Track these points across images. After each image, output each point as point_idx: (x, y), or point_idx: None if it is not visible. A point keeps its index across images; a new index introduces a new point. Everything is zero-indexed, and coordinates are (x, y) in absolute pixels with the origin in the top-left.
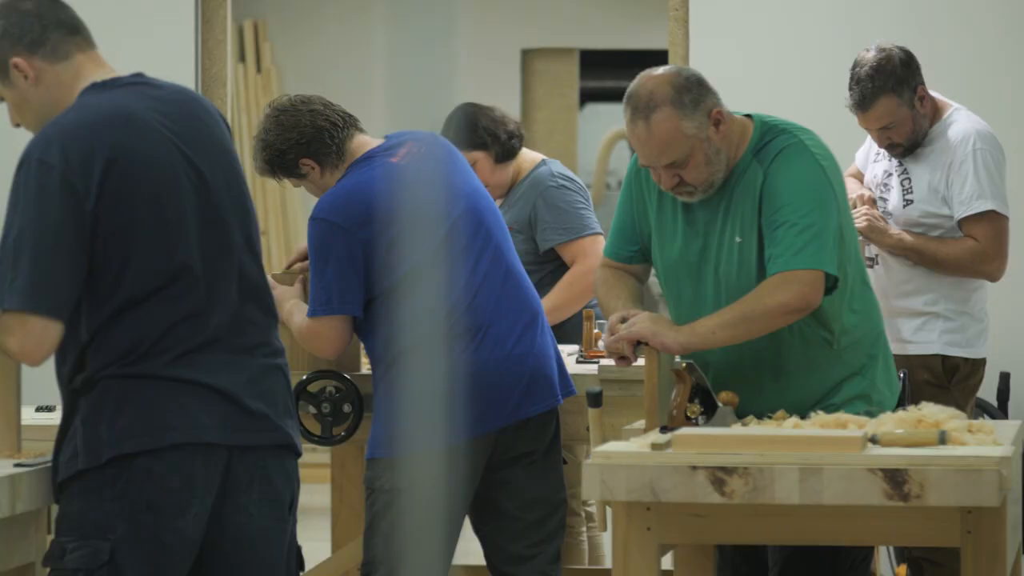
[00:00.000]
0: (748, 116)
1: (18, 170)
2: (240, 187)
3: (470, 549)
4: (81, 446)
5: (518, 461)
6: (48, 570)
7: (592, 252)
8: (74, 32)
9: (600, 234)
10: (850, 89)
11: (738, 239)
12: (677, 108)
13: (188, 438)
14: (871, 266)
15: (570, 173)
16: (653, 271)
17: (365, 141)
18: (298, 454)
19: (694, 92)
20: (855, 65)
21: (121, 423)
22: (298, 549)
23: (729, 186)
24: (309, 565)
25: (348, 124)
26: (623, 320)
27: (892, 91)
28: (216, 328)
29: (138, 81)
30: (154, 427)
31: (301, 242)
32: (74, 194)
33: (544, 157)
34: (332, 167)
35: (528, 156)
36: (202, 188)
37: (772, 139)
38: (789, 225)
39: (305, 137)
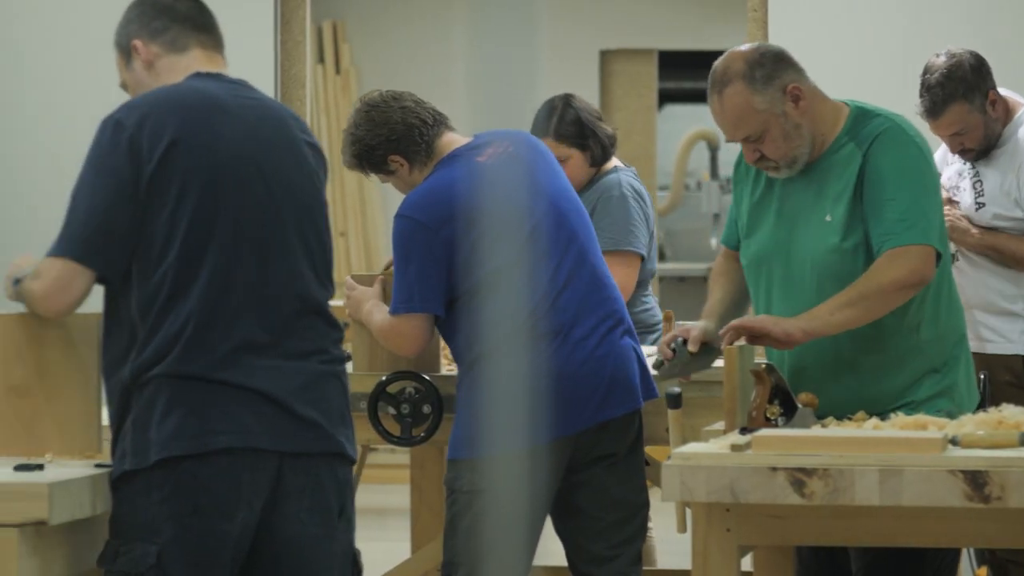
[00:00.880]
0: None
1: (98, 127)
2: (310, 197)
3: (551, 549)
4: (129, 447)
5: (599, 462)
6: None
7: (620, 272)
8: (199, 30)
9: (641, 256)
10: (920, 96)
11: (828, 218)
12: (748, 83)
13: (235, 442)
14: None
15: (641, 187)
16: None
17: (453, 139)
18: (352, 462)
19: (768, 68)
20: (925, 71)
21: (169, 425)
22: (355, 554)
23: (821, 167)
24: (389, 565)
25: (438, 122)
26: (673, 338)
27: (963, 98)
28: (268, 331)
29: (238, 82)
30: (202, 431)
31: (379, 243)
32: (137, 158)
33: (618, 164)
34: (421, 164)
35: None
36: (267, 190)
37: (868, 122)
38: (895, 203)
39: (395, 134)
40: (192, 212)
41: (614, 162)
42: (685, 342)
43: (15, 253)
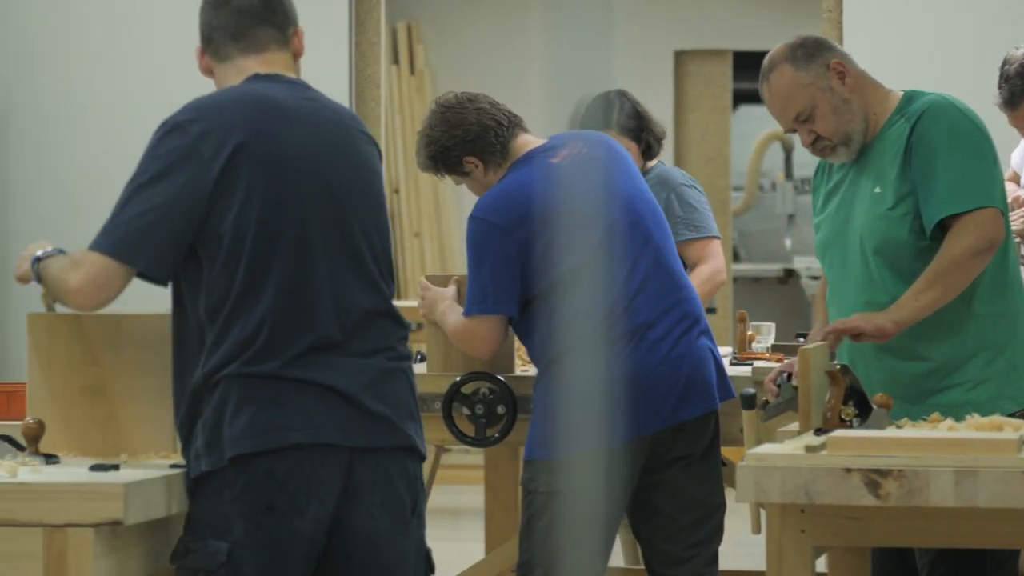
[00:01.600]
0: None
1: (156, 130)
2: (371, 197)
3: (615, 550)
4: (203, 449)
5: (675, 463)
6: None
7: (717, 255)
8: (236, 38)
9: (720, 239)
10: (999, 87)
11: (877, 190)
12: (791, 62)
13: (307, 438)
14: None
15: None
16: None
17: (528, 141)
18: (422, 458)
19: (809, 47)
20: (1004, 63)
21: (240, 423)
22: (427, 552)
23: (874, 148)
24: (463, 566)
25: (513, 123)
26: (779, 374)
27: None
28: (337, 330)
29: (297, 82)
30: (273, 427)
31: (453, 244)
32: (200, 162)
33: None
34: (496, 166)
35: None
36: (329, 192)
37: (917, 100)
38: (948, 172)
39: (470, 135)
40: (258, 215)
41: (655, 161)
42: (790, 377)
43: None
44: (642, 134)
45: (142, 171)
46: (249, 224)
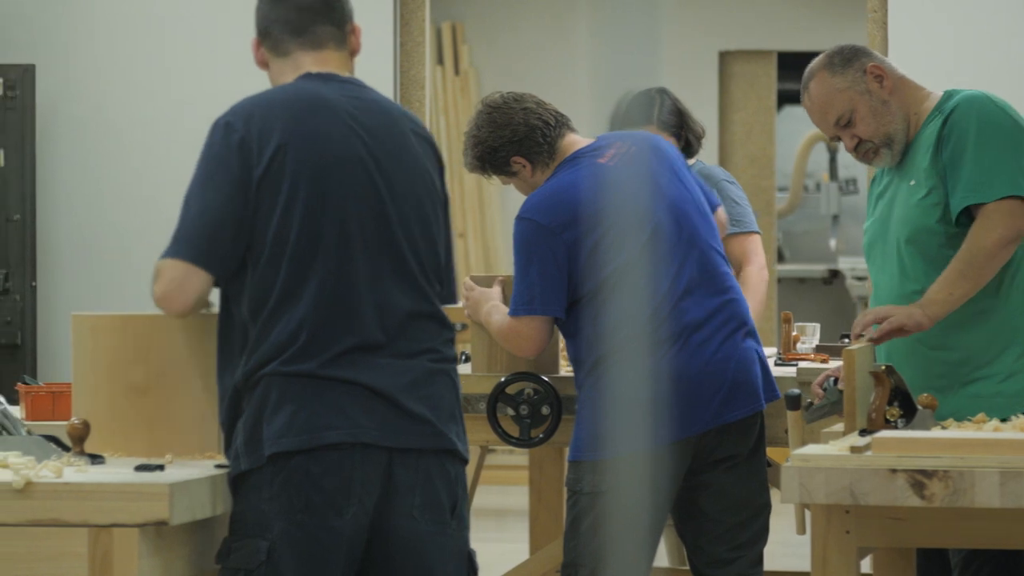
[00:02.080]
0: None
1: (209, 129)
2: (421, 195)
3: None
4: (242, 448)
5: (720, 464)
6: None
7: (759, 251)
8: (297, 33)
9: (760, 235)
10: None
11: (912, 182)
12: (827, 69)
13: (345, 438)
14: None
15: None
16: None
17: (575, 141)
18: (464, 460)
19: (845, 54)
20: None
21: (279, 422)
22: (470, 554)
23: (913, 146)
24: (507, 566)
25: (560, 123)
26: (827, 378)
27: None
28: (380, 331)
29: (350, 81)
30: (312, 426)
31: (498, 244)
32: (248, 159)
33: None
34: (543, 166)
35: None
36: (375, 190)
37: (955, 95)
38: (977, 160)
39: (517, 135)
40: (301, 213)
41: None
42: (836, 381)
43: (149, 254)
44: (682, 131)
45: (197, 173)
46: (291, 224)
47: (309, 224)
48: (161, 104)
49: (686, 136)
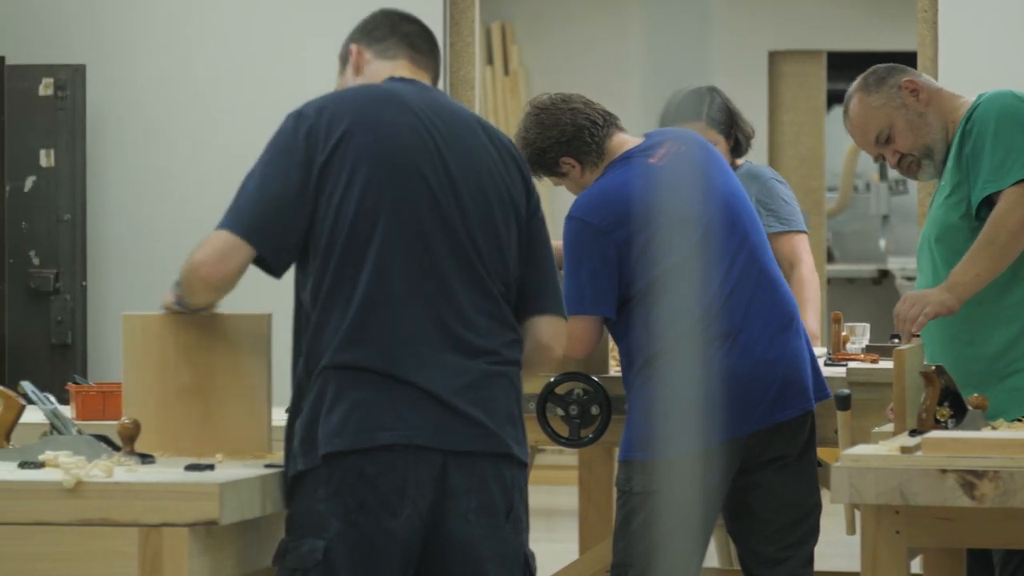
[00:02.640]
0: None
1: (282, 121)
2: (489, 195)
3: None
4: (299, 446)
5: (770, 464)
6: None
7: (807, 251)
8: (414, 48)
9: (807, 234)
10: None
11: (942, 183)
12: (863, 91)
13: (399, 439)
14: None
15: None
16: None
17: (624, 140)
18: (522, 463)
19: (879, 73)
20: None
21: (334, 421)
22: (526, 557)
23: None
24: (557, 566)
25: (608, 123)
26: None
27: None
28: (434, 327)
29: (432, 88)
30: (365, 426)
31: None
32: (313, 146)
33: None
34: (592, 165)
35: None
36: (438, 183)
37: (982, 96)
38: (996, 149)
39: (565, 135)
40: (358, 199)
41: (743, 159)
42: None
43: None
44: (732, 130)
45: (261, 157)
46: (348, 210)
47: (365, 210)
48: (210, 104)
49: (736, 135)
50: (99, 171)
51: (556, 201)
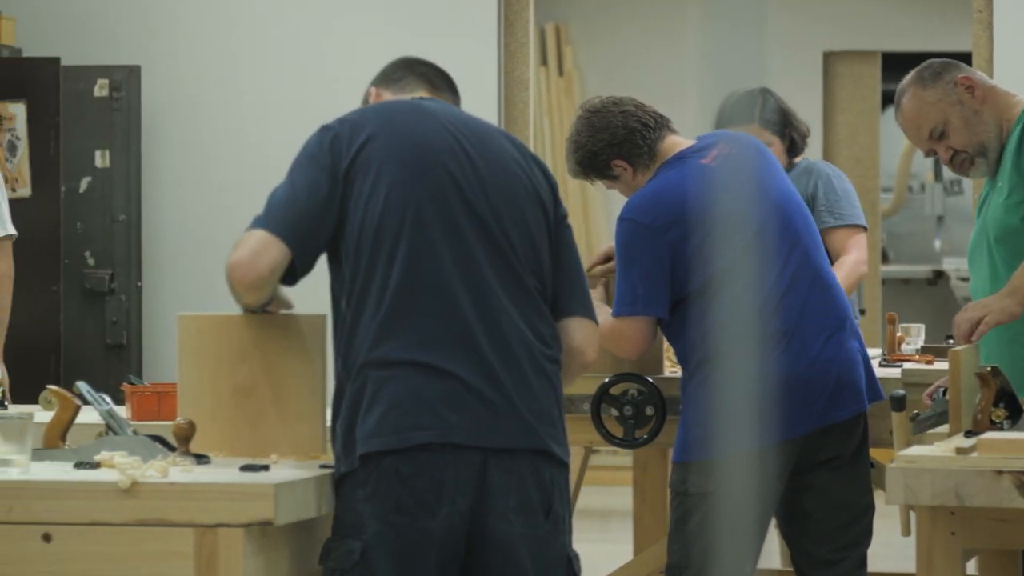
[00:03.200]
0: None
1: (313, 133)
2: (523, 200)
3: (771, 550)
4: (341, 449)
5: (824, 465)
6: None
7: (859, 245)
8: (432, 85)
9: (866, 230)
10: None
11: (999, 184)
12: (918, 85)
13: (434, 438)
14: None
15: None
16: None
17: (676, 142)
18: (561, 463)
19: (935, 68)
20: None
21: (371, 422)
22: (569, 558)
23: (1004, 150)
24: (611, 567)
25: (660, 125)
26: (937, 389)
27: None
28: (469, 316)
29: (450, 104)
30: (402, 426)
31: (602, 244)
32: (338, 153)
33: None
34: (644, 167)
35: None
36: (468, 179)
37: None
38: None
39: (617, 138)
40: (385, 197)
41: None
42: (945, 391)
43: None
44: (786, 130)
45: (292, 165)
46: (376, 208)
47: (393, 208)
48: (265, 104)
49: (790, 135)
50: (154, 172)
51: (612, 203)
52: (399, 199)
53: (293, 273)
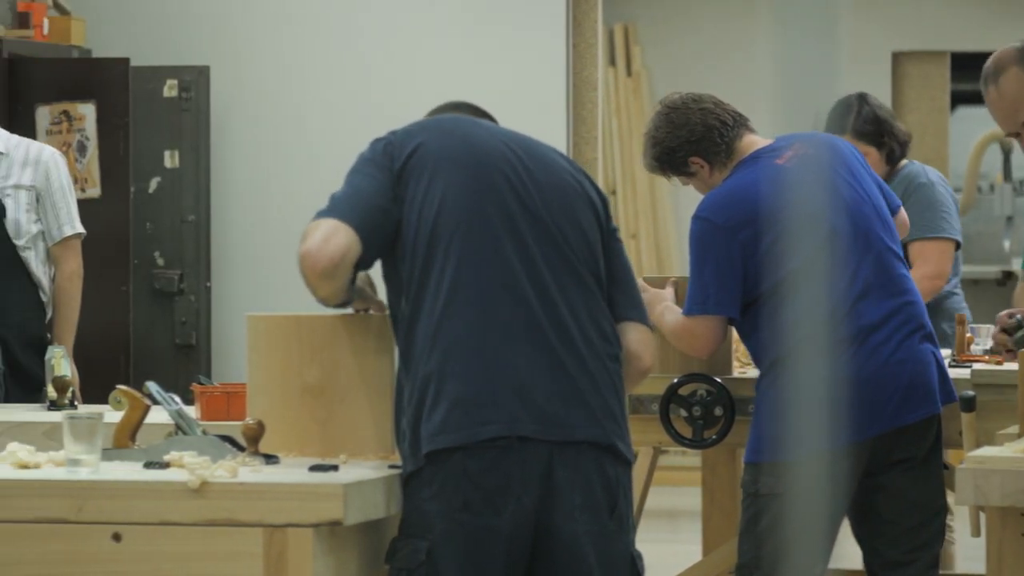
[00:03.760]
0: None
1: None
2: (575, 199)
3: (845, 553)
4: (408, 449)
5: (896, 466)
6: None
7: (933, 259)
8: (471, 114)
9: (955, 241)
10: None
11: None
12: (1020, 65)
13: (502, 431)
14: None
15: (941, 176)
16: None
17: (754, 141)
18: (625, 461)
19: None
20: None
21: (436, 420)
22: (633, 557)
23: None
24: (680, 568)
25: (738, 123)
26: (1010, 316)
27: None
28: (529, 311)
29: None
30: (468, 421)
31: (670, 244)
32: (391, 158)
33: (914, 161)
34: (721, 166)
35: None
36: (520, 177)
37: None
38: None
39: (695, 135)
40: (440, 197)
41: (906, 160)
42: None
43: None
44: (883, 139)
45: (349, 171)
46: (431, 209)
47: (447, 207)
48: (332, 103)
49: (889, 144)
50: (223, 172)
51: (682, 203)
52: (455, 198)
53: (360, 262)
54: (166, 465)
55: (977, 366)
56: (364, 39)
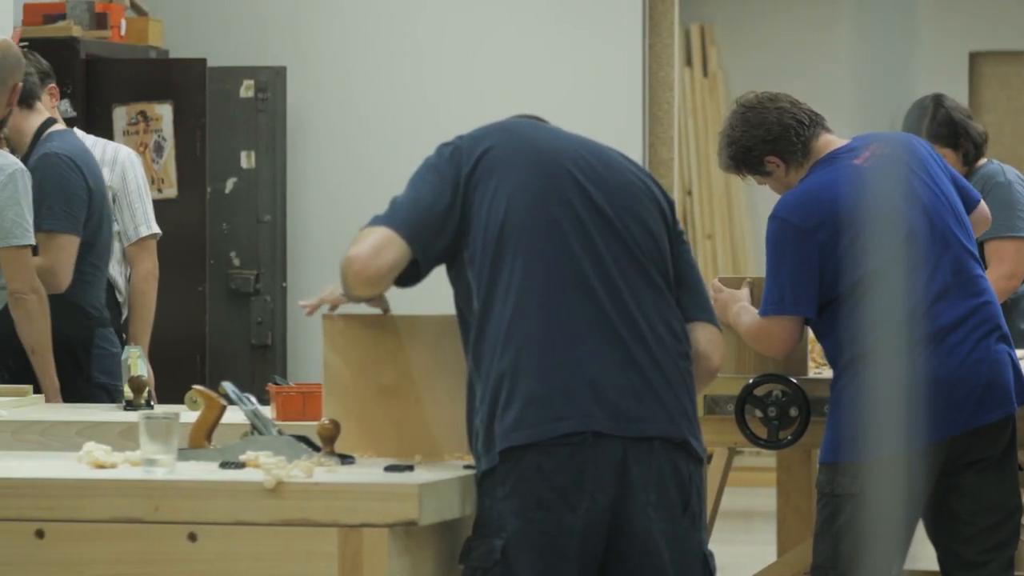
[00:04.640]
0: None
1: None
2: (643, 198)
3: (919, 553)
4: (481, 448)
5: (971, 467)
6: None
7: (1009, 259)
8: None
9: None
10: None
11: None
12: None
13: (577, 427)
14: None
15: (1019, 175)
16: None
17: (831, 141)
18: (698, 459)
19: None
20: None
21: (510, 417)
22: (704, 556)
23: None
24: (755, 568)
25: (815, 123)
26: None
27: None
28: (609, 313)
29: None
30: (542, 418)
31: (746, 245)
32: (458, 163)
33: (993, 160)
34: (797, 165)
35: None
36: (588, 177)
37: None
38: None
39: (771, 135)
40: (508, 198)
41: (984, 159)
42: None
43: None
44: (958, 140)
45: (414, 174)
46: (499, 210)
47: (516, 207)
48: (408, 104)
49: (965, 145)
50: (299, 172)
51: (758, 203)
52: (524, 199)
53: (414, 275)
54: (242, 465)
55: None
56: (440, 41)
